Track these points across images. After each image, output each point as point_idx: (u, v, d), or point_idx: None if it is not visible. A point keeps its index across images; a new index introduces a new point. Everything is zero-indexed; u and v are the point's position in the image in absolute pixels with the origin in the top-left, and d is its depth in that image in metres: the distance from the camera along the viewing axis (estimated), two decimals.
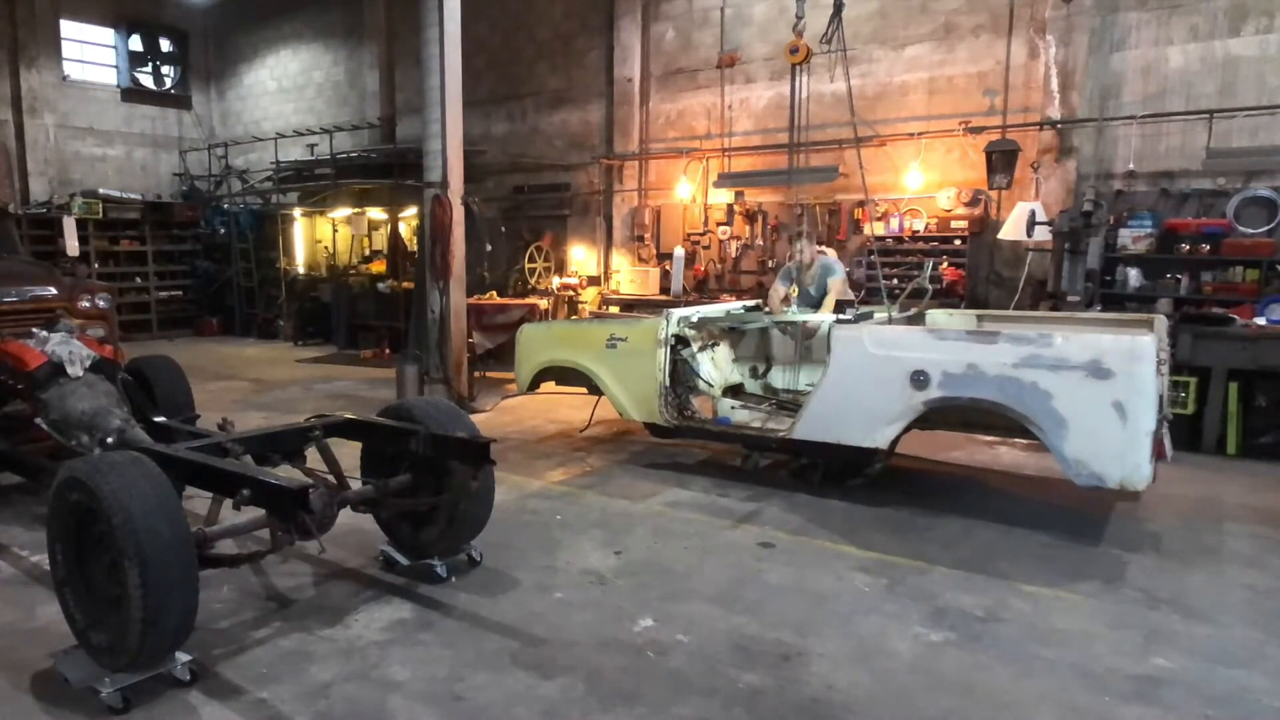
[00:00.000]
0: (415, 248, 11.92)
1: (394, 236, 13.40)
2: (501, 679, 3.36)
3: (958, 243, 9.38)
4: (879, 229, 9.81)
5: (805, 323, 6.70)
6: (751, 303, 7.65)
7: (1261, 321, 7.09)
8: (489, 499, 4.35)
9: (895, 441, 5.37)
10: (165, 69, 17.87)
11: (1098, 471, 4.65)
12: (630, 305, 10.64)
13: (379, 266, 13.83)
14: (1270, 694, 3.32)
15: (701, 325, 6.81)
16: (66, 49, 16.14)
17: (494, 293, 11.14)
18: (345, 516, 3.85)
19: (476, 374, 9.54)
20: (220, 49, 18.15)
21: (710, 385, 6.87)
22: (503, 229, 12.83)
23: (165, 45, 17.77)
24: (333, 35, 16.01)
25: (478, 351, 9.98)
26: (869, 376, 5.29)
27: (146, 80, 17.51)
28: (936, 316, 6.72)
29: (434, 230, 8.48)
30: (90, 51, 16.67)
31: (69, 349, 4.71)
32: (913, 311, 6.50)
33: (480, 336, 10.16)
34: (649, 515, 5.41)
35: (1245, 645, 3.72)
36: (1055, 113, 8.80)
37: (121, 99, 17.04)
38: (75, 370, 4.65)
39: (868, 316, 5.92)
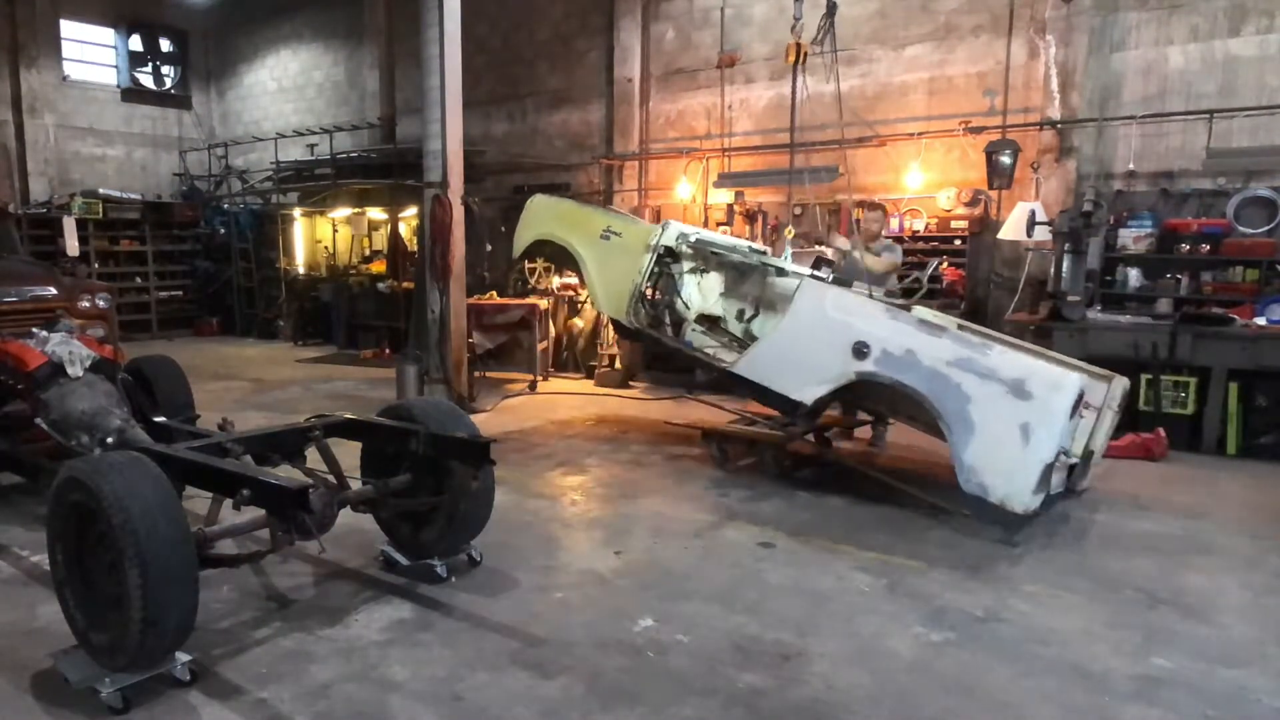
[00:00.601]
0: (415, 248, 11.92)
1: (394, 236, 13.40)
2: (501, 679, 3.36)
3: (958, 243, 9.38)
4: None
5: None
6: (760, 245, 7.66)
7: (1261, 321, 7.09)
8: (489, 499, 4.35)
9: (819, 403, 5.60)
10: (165, 69, 17.86)
11: (985, 483, 4.81)
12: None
13: (379, 266, 13.83)
14: (1270, 694, 3.32)
15: (698, 246, 6.84)
16: (66, 49, 16.13)
17: (494, 293, 11.13)
18: (345, 516, 3.85)
19: (476, 374, 9.54)
20: (220, 49, 18.14)
21: (687, 307, 6.93)
22: (503, 229, 12.78)
23: (165, 45, 17.76)
24: (333, 35, 16.00)
25: (478, 351, 9.97)
26: (819, 334, 5.45)
27: (146, 80, 17.50)
28: (920, 313, 6.74)
29: (434, 230, 8.48)
30: (90, 51, 16.65)
31: (69, 349, 4.71)
32: (902, 302, 6.55)
33: (480, 336, 10.15)
34: (649, 515, 5.41)
35: (1245, 645, 3.72)
36: (1055, 113, 8.80)
37: (121, 99, 17.03)
38: (75, 370, 4.65)
39: (846, 284, 5.98)
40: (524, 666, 3.46)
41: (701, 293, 7.18)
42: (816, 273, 5.93)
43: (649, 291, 6.70)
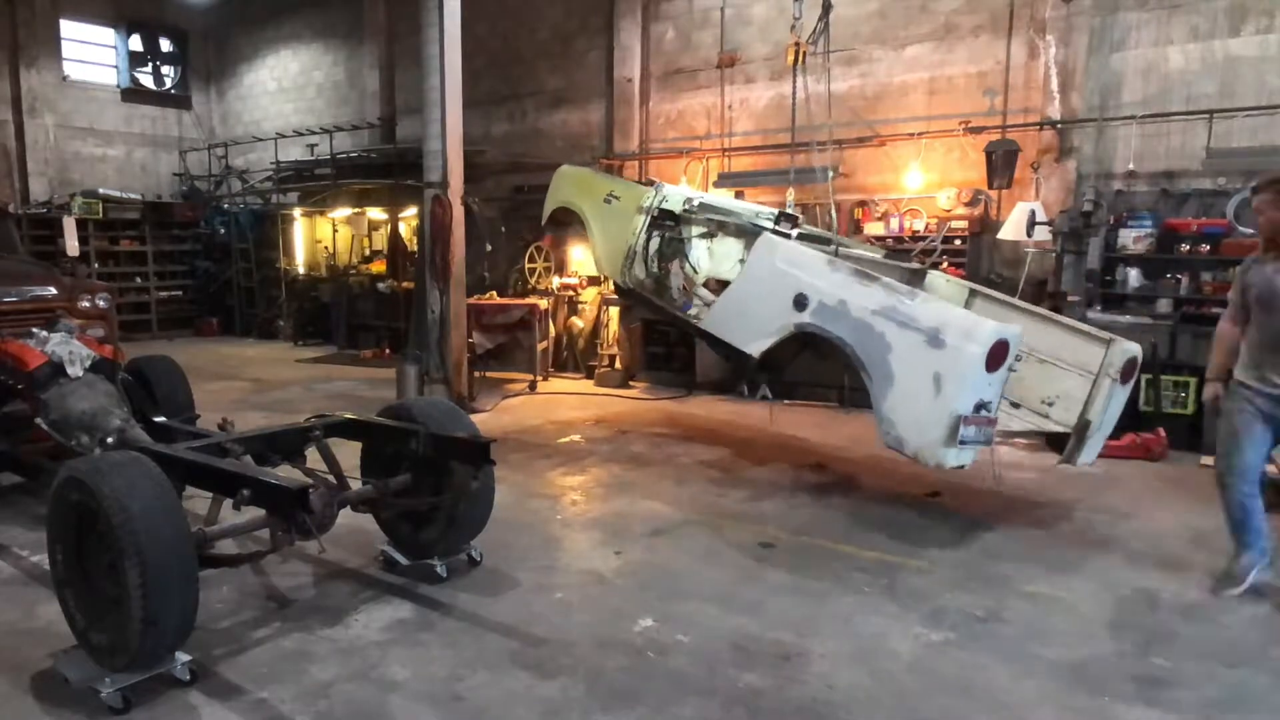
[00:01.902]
0: (415, 248, 11.92)
1: (394, 236, 13.40)
2: (501, 679, 3.36)
3: (958, 243, 9.38)
4: (879, 229, 9.80)
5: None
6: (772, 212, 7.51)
7: None
8: (489, 499, 4.35)
9: (765, 356, 5.63)
10: (165, 69, 17.86)
11: (900, 435, 4.80)
12: (629, 306, 10.63)
13: (379, 266, 13.83)
14: (1270, 694, 3.32)
15: (700, 210, 6.87)
16: (66, 49, 16.13)
17: (494, 293, 11.14)
18: (345, 516, 3.86)
19: (476, 374, 9.54)
20: (220, 49, 18.14)
21: (695, 271, 6.96)
22: (503, 229, 12.81)
23: (165, 45, 17.76)
24: (333, 35, 16.00)
25: (478, 351, 9.98)
26: (767, 287, 5.49)
27: (146, 80, 17.50)
28: (935, 277, 6.72)
29: (434, 230, 8.49)
30: (90, 51, 16.65)
31: (69, 349, 4.71)
32: (915, 265, 6.67)
33: (480, 336, 10.16)
34: (649, 515, 5.40)
35: (1245, 645, 3.72)
36: (1055, 113, 8.79)
37: (121, 99, 17.03)
38: (75, 370, 4.65)
39: (824, 240, 6.07)
40: (524, 666, 3.46)
41: (713, 257, 7.20)
42: (777, 227, 6.01)
43: (653, 254, 6.75)
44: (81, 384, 4.64)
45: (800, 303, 5.21)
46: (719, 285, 7.03)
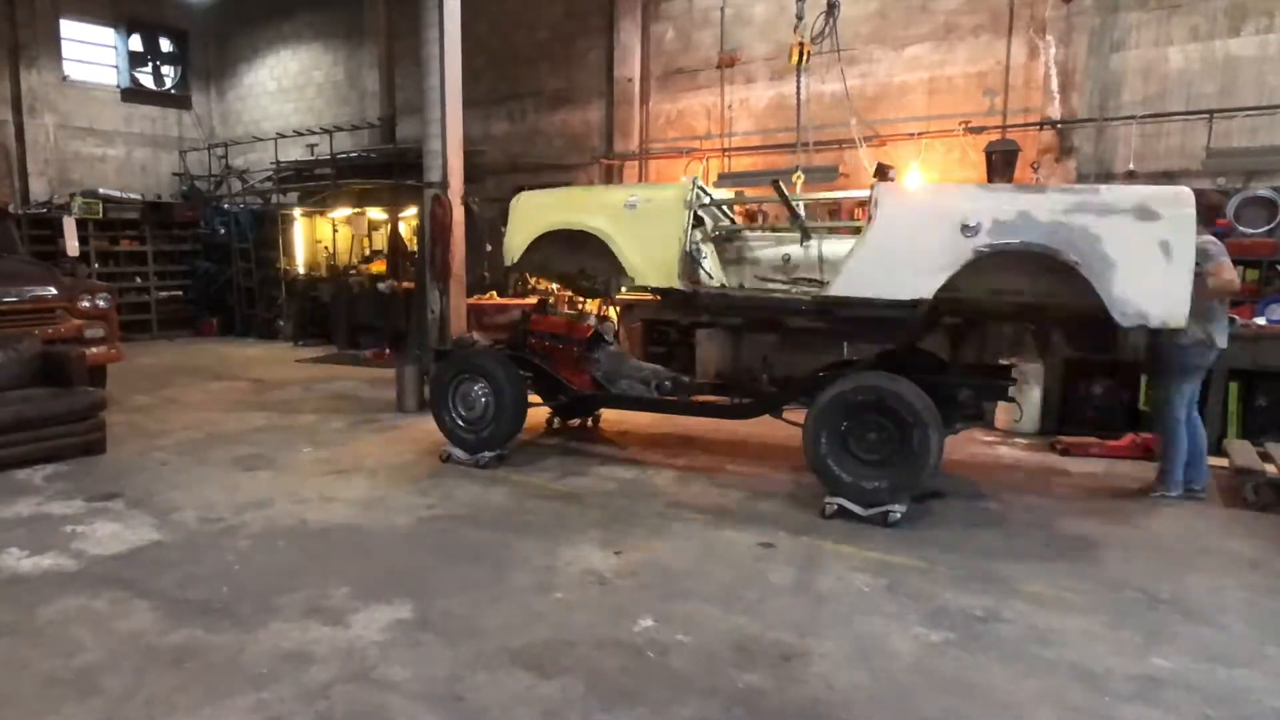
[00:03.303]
0: (415, 248, 11.93)
1: (394, 236, 13.40)
2: (501, 679, 3.36)
3: None
4: None
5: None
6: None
7: (1261, 321, 7.09)
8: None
9: (938, 296, 5.27)
10: (165, 69, 17.86)
11: (1143, 310, 4.75)
12: (630, 305, 10.62)
13: (379, 266, 13.83)
14: (1270, 694, 3.32)
15: (715, 204, 6.61)
16: (66, 49, 16.13)
17: (494, 293, 11.14)
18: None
19: None
20: (220, 49, 18.15)
21: (710, 276, 6.56)
22: (502, 229, 12.78)
23: (165, 45, 17.76)
24: (333, 35, 16.01)
25: None
26: (916, 228, 5.28)
27: (146, 80, 17.50)
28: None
29: (434, 230, 8.50)
30: (90, 51, 16.65)
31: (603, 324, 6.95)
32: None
33: (480, 336, 10.15)
34: (649, 515, 5.41)
35: (1245, 645, 3.72)
36: (1055, 113, 8.80)
37: (121, 99, 17.03)
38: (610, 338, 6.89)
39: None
40: (524, 666, 3.45)
41: (712, 261, 6.83)
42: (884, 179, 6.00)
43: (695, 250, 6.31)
44: (614, 349, 6.78)
45: (971, 230, 5.05)
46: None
